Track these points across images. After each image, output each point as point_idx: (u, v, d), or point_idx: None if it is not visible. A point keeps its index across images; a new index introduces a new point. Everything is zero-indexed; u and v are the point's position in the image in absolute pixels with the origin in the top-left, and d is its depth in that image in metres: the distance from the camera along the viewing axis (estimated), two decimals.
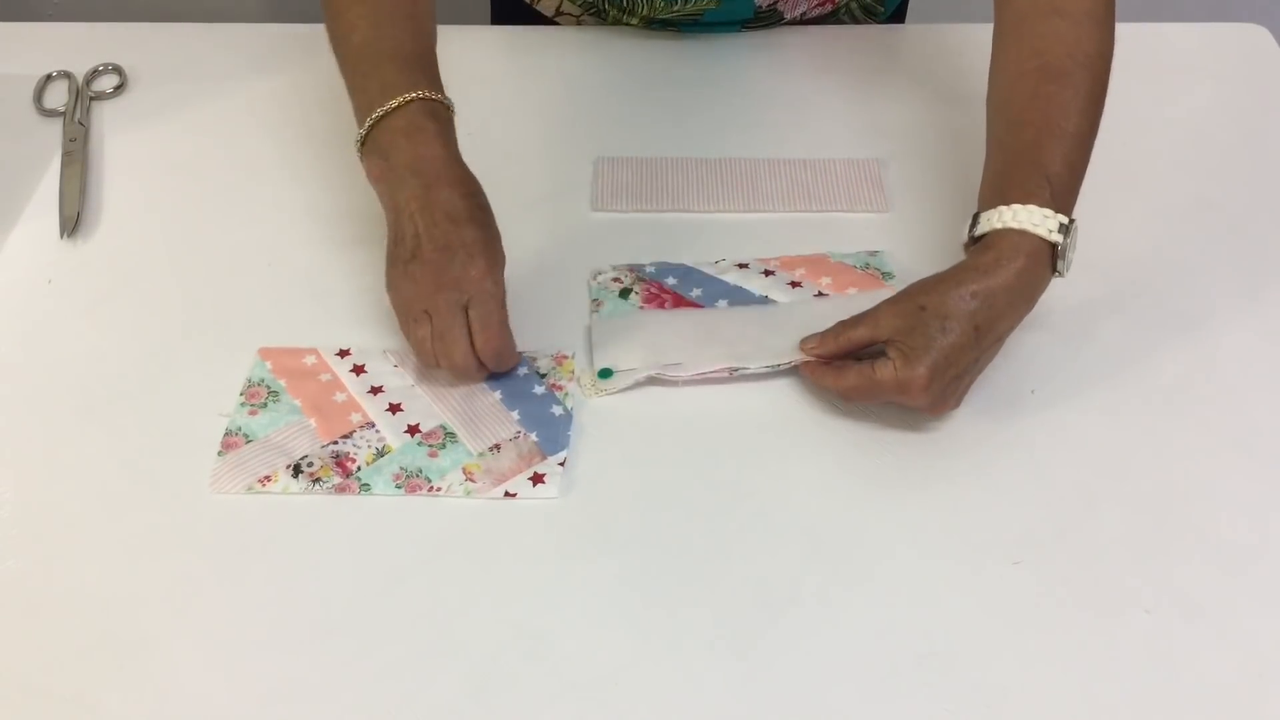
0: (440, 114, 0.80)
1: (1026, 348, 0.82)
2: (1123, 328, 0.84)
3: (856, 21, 1.14)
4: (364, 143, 0.80)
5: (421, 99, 0.79)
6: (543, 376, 0.81)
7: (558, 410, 0.79)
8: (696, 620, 0.68)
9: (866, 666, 0.66)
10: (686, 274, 0.87)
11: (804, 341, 0.79)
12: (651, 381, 0.80)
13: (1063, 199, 0.77)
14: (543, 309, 0.86)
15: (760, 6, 1.08)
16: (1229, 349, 0.83)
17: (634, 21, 1.10)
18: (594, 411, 0.79)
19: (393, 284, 0.78)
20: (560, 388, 0.80)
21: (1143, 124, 1.00)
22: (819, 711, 0.65)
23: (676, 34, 1.10)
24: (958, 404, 0.77)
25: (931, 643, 0.67)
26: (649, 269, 0.88)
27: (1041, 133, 0.79)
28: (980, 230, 0.77)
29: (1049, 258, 0.76)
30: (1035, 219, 0.75)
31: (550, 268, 0.89)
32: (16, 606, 0.69)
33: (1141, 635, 0.68)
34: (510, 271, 0.88)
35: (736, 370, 0.80)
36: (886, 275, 0.87)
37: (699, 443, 0.77)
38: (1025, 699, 0.65)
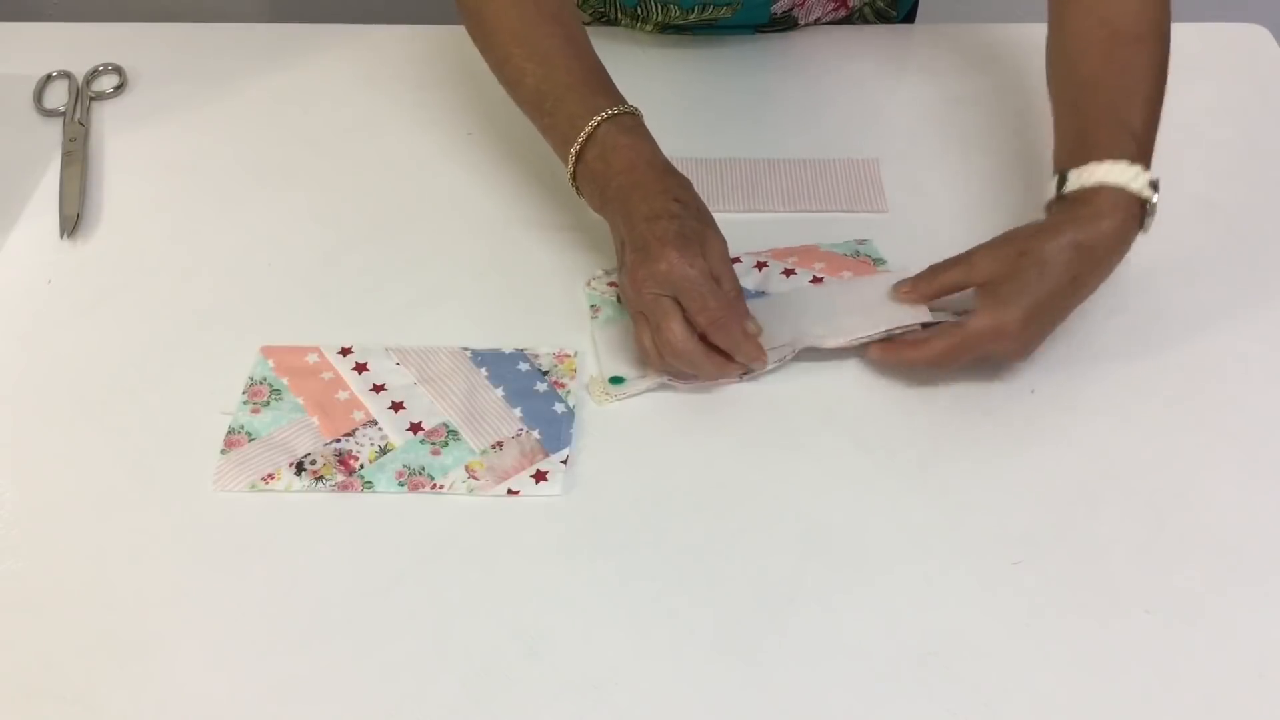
0: (627, 124, 0.81)
1: None
2: (1122, 327, 0.84)
3: (870, 24, 1.14)
4: (574, 180, 0.83)
5: (605, 119, 0.80)
6: (545, 374, 0.81)
7: (560, 408, 0.79)
8: (697, 619, 0.69)
9: (866, 666, 0.66)
10: None
11: (897, 285, 0.81)
12: (662, 387, 0.80)
13: (1146, 158, 0.79)
14: (545, 307, 0.86)
15: (775, 13, 1.08)
16: (1229, 349, 0.83)
17: (647, 29, 1.10)
18: (596, 409, 0.79)
19: (621, 299, 0.80)
20: (562, 385, 0.80)
21: None
22: (819, 711, 0.65)
23: (685, 37, 1.10)
24: (1032, 351, 0.79)
25: (931, 643, 0.67)
26: None
27: (1119, 94, 0.81)
28: (1070, 187, 0.78)
29: (1139, 214, 0.78)
30: (1127, 175, 0.77)
31: (552, 266, 0.89)
32: (16, 606, 0.69)
33: (1141, 635, 0.68)
34: (513, 270, 0.89)
35: (746, 375, 0.80)
36: (878, 262, 0.88)
37: (700, 441, 0.78)
38: (1025, 699, 0.65)
